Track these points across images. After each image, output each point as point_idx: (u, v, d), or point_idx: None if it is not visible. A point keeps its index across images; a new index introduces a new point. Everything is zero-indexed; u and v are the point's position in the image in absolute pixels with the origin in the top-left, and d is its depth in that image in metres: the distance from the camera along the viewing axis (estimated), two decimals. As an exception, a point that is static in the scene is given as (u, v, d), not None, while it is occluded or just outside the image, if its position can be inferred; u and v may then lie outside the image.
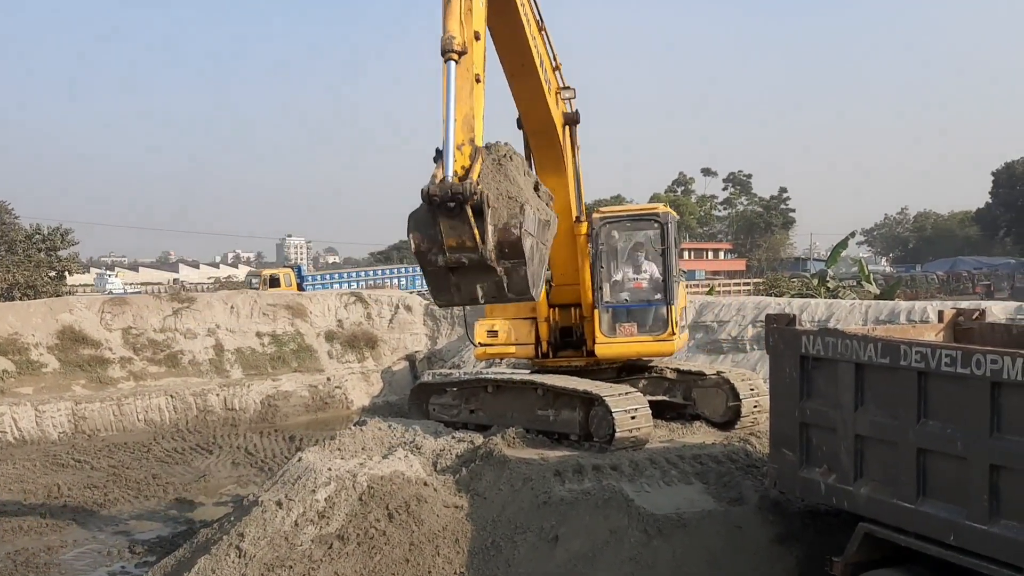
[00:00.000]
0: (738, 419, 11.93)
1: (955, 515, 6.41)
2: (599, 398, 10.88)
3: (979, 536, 6.22)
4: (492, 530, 9.33)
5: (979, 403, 6.22)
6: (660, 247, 12.03)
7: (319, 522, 9.47)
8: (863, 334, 7.35)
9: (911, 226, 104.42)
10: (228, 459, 19.35)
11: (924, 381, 6.67)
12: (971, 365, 6.28)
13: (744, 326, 21.09)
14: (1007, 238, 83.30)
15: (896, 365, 6.86)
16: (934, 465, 6.65)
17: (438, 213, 6.82)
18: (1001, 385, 6.10)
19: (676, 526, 8.78)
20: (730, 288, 45.67)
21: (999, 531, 6.10)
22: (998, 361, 6.12)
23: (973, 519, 6.26)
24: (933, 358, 6.58)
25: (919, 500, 6.71)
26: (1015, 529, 6.02)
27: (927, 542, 6.65)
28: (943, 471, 6.58)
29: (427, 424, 12.95)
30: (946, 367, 6.47)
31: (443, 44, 7.29)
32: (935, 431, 6.60)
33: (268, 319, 28.40)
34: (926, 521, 6.64)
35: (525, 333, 12.29)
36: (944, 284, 59.98)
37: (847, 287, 29.32)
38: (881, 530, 7.04)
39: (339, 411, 25.35)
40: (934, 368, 6.56)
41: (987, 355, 6.23)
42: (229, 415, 23.99)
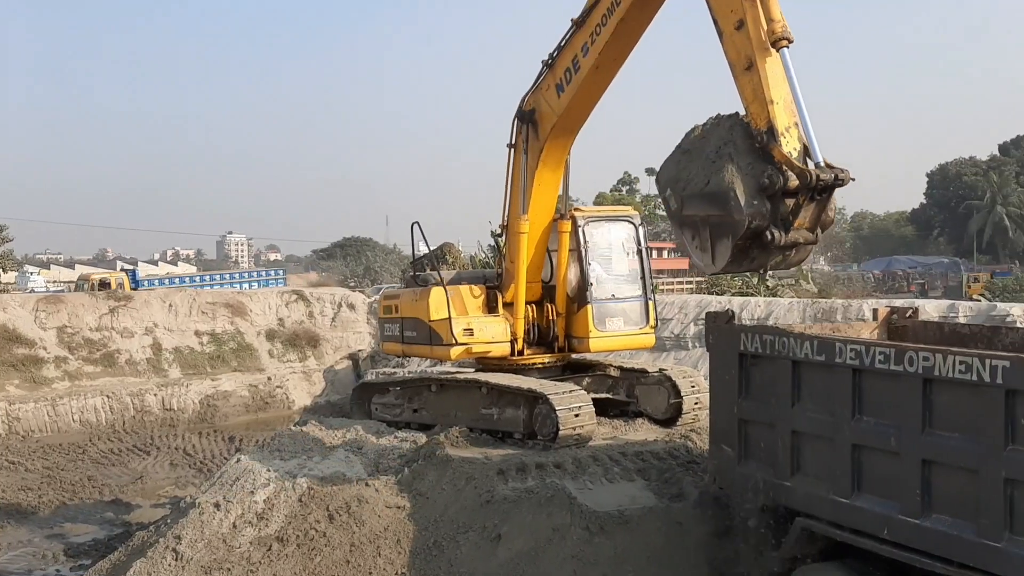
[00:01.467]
0: (679, 416, 12.04)
1: (889, 510, 6.53)
2: (543, 396, 10.89)
3: (912, 530, 6.35)
4: (434, 530, 9.28)
5: (911, 399, 6.35)
6: (636, 246, 12.59)
7: (258, 524, 9.34)
8: (800, 332, 7.46)
9: (848, 226, 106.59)
10: (166, 460, 19.04)
11: (859, 378, 6.79)
12: (904, 362, 6.41)
13: (686, 324, 21.32)
14: (941, 238, 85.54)
15: (832, 362, 6.98)
16: (868, 461, 6.78)
17: (810, 195, 7.30)
18: (932, 382, 6.24)
19: (618, 523, 8.83)
20: (673, 287, 46.12)
21: (931, 525, 6.23)
22: (930, 358, 6.25)
23: (906, 513, 6.39)
24: (867, 355, 6.70)
25: (854, 495, 6.82)
26: (946, 523, 6.15)
27: (862, 536, 6.77)
28: (877, 467, 6.71)
29: (369, 424, 12.85)
30: (880, 364, 6.59)
31: (779, 32, 7.51)
32: (869, 427, 6.73)
33: (207, 317, 27.92)
34: (861, 516, 6.76)
35: (501, 331, 12.25)
36: (880, 283, 61.35)
37: (786, 286, 29.80)
38: (817, 525, 7.16)
39: (280, 411, 25.04)
40: (868, 365, 6.68)
41: (919, 352, 6.37)
42: (167, 415, 23.56)
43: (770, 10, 7.59)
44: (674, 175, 8.01)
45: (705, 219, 7.66)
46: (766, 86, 7.48)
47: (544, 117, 11.29)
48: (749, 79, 7.62)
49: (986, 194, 76.72)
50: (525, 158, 11.59)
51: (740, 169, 7.41)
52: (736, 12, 7.73)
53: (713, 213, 7.56)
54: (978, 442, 5.93)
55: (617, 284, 12.53)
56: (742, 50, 7.70)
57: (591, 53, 10.24)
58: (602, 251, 12.51)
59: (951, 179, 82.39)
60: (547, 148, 11.42)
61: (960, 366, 6.03)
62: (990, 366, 5.85)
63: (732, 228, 7.42)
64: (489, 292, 12.56)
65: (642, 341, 12.81)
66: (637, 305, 12.57)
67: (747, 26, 7.61)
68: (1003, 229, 75.88)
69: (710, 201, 7.56)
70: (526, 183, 11.68)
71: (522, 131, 11.63)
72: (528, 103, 11.49)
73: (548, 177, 11.72)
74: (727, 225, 7.46)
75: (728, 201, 7.38)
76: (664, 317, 21.84)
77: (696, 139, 7.94)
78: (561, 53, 10.78)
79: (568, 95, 10.80)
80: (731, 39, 7.81)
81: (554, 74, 10.96)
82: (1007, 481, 5.74)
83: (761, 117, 7.51)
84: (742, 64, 7.71)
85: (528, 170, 11.62)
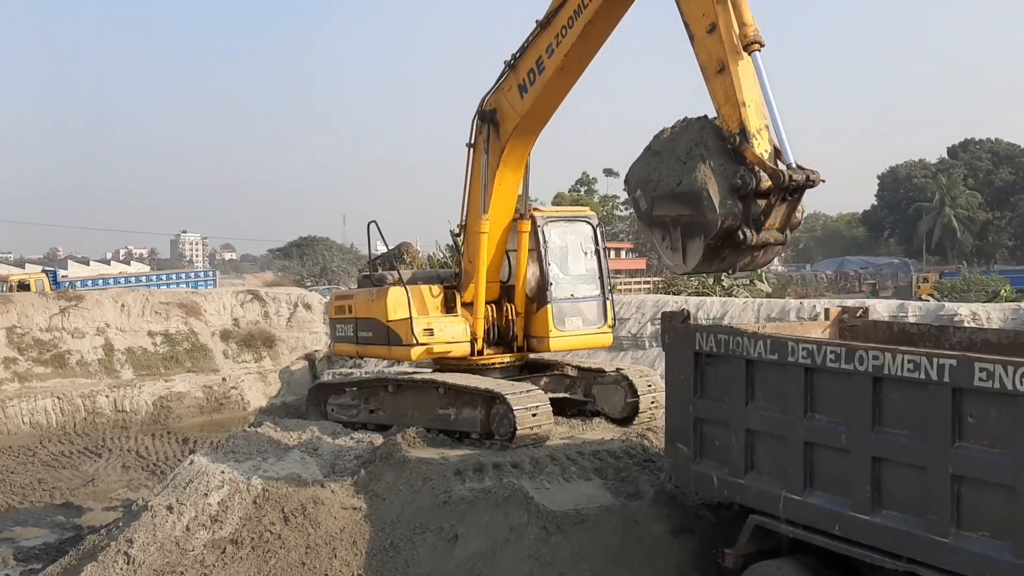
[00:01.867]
0: (636, 415, 12.12)
1: (840, 506, 6.64)
2: (500, 396, 10.90)
3: (862, 526, 6.46)
4: (391, 531, 9.24)
5: (862, 398, 6.46)
6: (594, 246, 12.77)
7: (212, 526, 9.23)
8: (753, 331, 7.55)
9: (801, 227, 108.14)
10: (118, 462, 18.72)
11: (811, 377, 6.89)
12: (854, 361, 6.52)
13: (643, 323, 21.45)
14: (891, 239, 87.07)
15: (784, 361, 7.07)
16: (820, 458, 6.88)
17: (781, 196, 7.43)
18: (882, 380, 6.35)
19: (575, 522, 8.86)
20: (630, 287, 46.40)
21: (880, 521, 6.35)
22: (879, 357, 6.37)
23: (857, 510, 6.50)
24: (819, 354, 6.80)
25: (806, 492, 6.93)
26: (895, 519, 6.27)
27: (814, 533, 6.87)
28: (829, 464, 6.81)
29: (325, 425, 12.76)
30: (831, 363, 6.70)
31: (751, 36, 7.57)
32: (821, 425, 6.83)
33: (161, 318, 27.48)
34: (813, 512, 6.87)
35: (461, 331, 12.21)
36: (832, 283, 62.31)
37: (741, 286, 30.11)
38: (771, 522, 7.25)
39: (235, 412, 24.71)
40: (820, 364, 6.79)
41: (869, 351, 6.48)
42: (119, 417, 23.13)
43: (742, 15, 7.67)
44: (644, 176, 8.05)
45: (676, 219, 7.73)
46: (738, 88, 7.56)
47: (506, 117, 11.27)
48: (721, 82, 7.69)
49: (935, 196, 78.23)
50: (486, 158, 11.57)
51: (712, 170, 7.49)
52: (708, 16, 7.80)
53: (685, 213, 7.62)
54: (926, 439, 6.05)
55: (575, 284, 12.63)
56: (714, 53, 7.76)
57: (556, 54, 10.25)
58: (560, 251, 12.59)
59: (901, 181, 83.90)
60: (509, 148, 11.42)
61: (908, 365, 6.15)
62: (937, 365, 5.97)
63: (704, 228, 7.49)
64: (447, 292, 12.54)
65: (600, 340, 12.96)
66: (595, 305, 12.70)
67: (719, 30, 7.68)
68: (951, 230, 77.44)
69: (682, 201, 7.61)
70: (487, 183, 11.66)
71: (482, 131, 11.60)
72: (489, 103, 11.47)
73: (509, 177, 11.73)
74: (699, 225, 7.53)
75: (701, 201, 7.44)
76: (621, 317, 21.96)
77: (665, 141, 7.99)
78: (524, 54, 10.77)
79: (532, 96, 10.80)
80: (703, 42, 7.87)
81: (517, 74, 10.95)
82: (954, 477, 5.87)
83: (733, 119, 7.59)
84: (714, 67, 7.77)
85: (489, 170, 11.60)
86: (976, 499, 5.79)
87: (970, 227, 78.22)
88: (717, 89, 7.73)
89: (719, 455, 7.81)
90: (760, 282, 30.26)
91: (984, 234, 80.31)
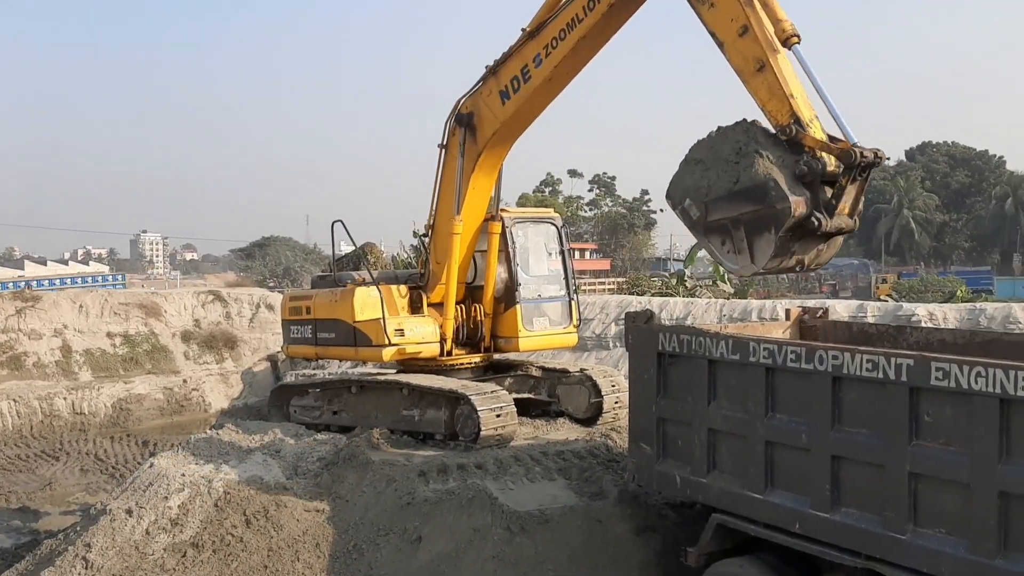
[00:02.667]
0: (600, 415, 12.17)
1: (800, 504, 6.72)
2: (465, 397, 10.88)
3: (822, 524, 6.54)
4: (354, 533, 9.19)
5: (821, 397, 6.54)
6: (559, 247, 12.90)
7: (172, 530, 9.12)
8: (715, 331, 7.61)
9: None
10: (76, 466, 18.43)
11: (772, 376, 6.96)
12: (814, 361, 6.60)
13: (607, 324, 21.53)
14: (851, 240, 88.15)
15: (746, 361, 7.14)
16: (781, 457, 6.96)
17: (852, 176, 7.19)
18: (841, 380, 6.44)
19: (539, 522, 8.87)
20: (595, 287, 46.57)
21: (840, 518, 6.43)
22: (839, 357, 6.45)
23: (816, 508, 6.58)
24: (780, 354, 6.88)
25: (767, 491, 7.00)
26: (854, 516, 6.36)
27: (775, 531, 6.95)
28: (789, 462, 6.89)
29: (288, 427, 12.63)
30: (791, 363, 6.78)
31: (789, 31, 7.48)
32: (782, 424, 6.91)
33: (120, 319, 27.09)
34: (774, 511, 6.94)
35: (431, 331, 12.16)
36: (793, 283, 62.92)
37: (704, 286, 30.36)
38: (732, 520, 7.31)
39: (196, 414, 24.42)
40: (780, 364, 6.86)
41: (829, 351, 6.57)
42: (77, 419, 22.75)
43: (775, 11, 7.62)
44: (691, 184, 7.74)
45: (738, 219, 7.42)
46: (783, 82, 7.43)
47: (485, 122, 11.19)
48: (763, 79, 7.55)
49: (893, 198, 79.40)
50: (461, 161, 11.48)
51: (772, 162, 7.24)
52: (737, 19, 7.71)
53: (748, 210, 7.32)
54: (884, 438, 6.14)
55: (541, 284, 12.71)
56: (750, 53, 7.64)
57: (545, 65, 10.17)
58: (527, 252, 12.63)
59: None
60: (486, 153, 11.37)
61: (867, 364, 6.24)
62: (895, 364, 6.06)
63: (775, 218, 7.17)
64: (413, 292, 12.50)
65: (565, 340, 13.02)
66: (561, 305, 12.81)
67: (752, 30, 7.60)
68: (909, 232, 78.66)
69: (744, 198, 7.32)
70: (460, 186, 11.59)
71: (457, 134, 11.51)
72: (466, 106, 11.37)
73: (483, 181, 11.71)
74: (768, 217, 7.22)
75: (767, 192, 7.16)
76: (586, 317, 22.01)
77: (706, 148, 7.72)
78: (508, 61, 10.66)
79: (514, 103, 10.72)
80: (735, 46, 7.75)
81: (498, 80, 10.83)
82: (911, 475, 5.96)
83: (783, 112, 7.40)
84: (751, 67, 7.63)
85: (463, 173, 11.52)
86: (933, 496, 5.89)
87: (927, 229, 79.51)
88: (759, 87, 7.58)
89: (682, 455, 7.86)
90: (723, 283, 30.53)
91: (941, 236, 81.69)
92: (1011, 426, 5.47)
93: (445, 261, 11.94)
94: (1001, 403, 5.48)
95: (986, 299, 26.62)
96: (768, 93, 7.53)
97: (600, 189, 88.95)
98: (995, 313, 15.91)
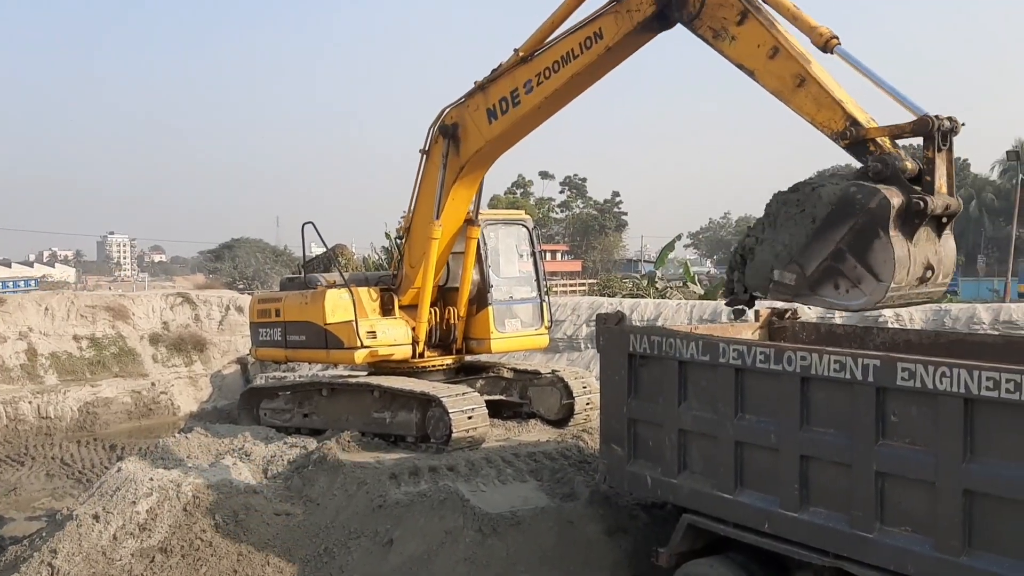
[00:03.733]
0: (572, 416, 12.22)
1: (769, 504, 6.78)
2: (436, 399, 10.88)
3: (790, 523, 6.60)
4: (325, 536, 9.14)
5: (790, 397, 6.60)
6: (530, 248, 13.00)
7: (140, 535, 9.02)
8: (686, 332, 7.66)
9: (733, 230, 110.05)
10: (42, 471, 18.17)
11: (741, 377, 7.01)
12: (783, 362, 6.66)
13: (579, 325, 21.59)
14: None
15: (716, 362, 7.19)
16: (750, 457, 7.01)
17: (936, 145, 6.71)
18: (810, 380, 6.50)
19: (510, 524, 8.87)
20: (567, 288, 46.68)
21: (808, 518, 6.50)
22: (807, 358, 6.51)
23: (785, 507, 6.64)
24: (749, 355, 6.93)
25: (737, 491, 7.05)
26: (822, 515, 6.43)
27: (744, 531, 7.00)
28: (758, 463, 6.95)
29: (258, 430, 12.58)
30: (760, 364, 6.83)
31: (827, 34, 7.31)
32: (751, 425, 6.96)
33: (87, 321, 26.75)
34: (743, 511, 6.99)
35: (403, 334, 12.11)
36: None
37: (674, 287, 30.54)
38: (703, 520, 7.36)
39: (164, 418, 24.17)
40: (750, 365, 6.91)
41: (797, 352, 6.63)
42: (43, 424, 22.43)
43: (807, 21, 7.48)
44: (769, 258, 7.12)
45: (839, 250, 6.67)
46: (829, 90, 7.22)
47: (470, 137, 11.04)
48: (806, 93, 7.31)
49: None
50: (443, 172, 11.38)
51: (838, 183, 6.75)
52: (765, 43, 7.55)
53: (843, 231, 6.62)
54: (851, 438, 6.21)
55: (513, 286, 12.79)
56: (786, 72, 7.43)
57: (536, 94, 10.02)
58: (498, 254, 12.65)
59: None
60: (468, 167, 11.29)
61: (835, 365, 6.31)
62: (862, 365, 6.14)
63: (876, 219, 6.47)
64: (384, 294, 12.47)
65: (537, 342, 13.13)
66: (532, 307, 12.90)
67: (783, 49, 7.45)
68: (877, 233, 79.63)
69: (833, 224, 6.67)
70: (441, 194, 11.47)
71: (440, 143, 11.41)
72: (451, 116, 11.22)
73: (463, 193, 11.65)
74: (868, 223, 6.51)
75: (854, 199, 6.57)
76: (557, 319, 22.07)
77: (762, 227, 7.22)
78: (498, 80, 10.48)
79: (502, 124, 10.58)
80: (767, 70, 7.54)
81: (487, 98, 10.66)
82: (878, 474, 6.03)
83: (835, 119, 7.12)
84: (791, 84, 7.38)
85: (444, 184, 11.42)
86: (899, 495, 5.97)
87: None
88: (804, 102, 7.32)
89: (653, 455, 7.90)
90: (693, 284, 30.74)
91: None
92: (975, 426, 5.56)
93: (420, 264, 11.91)
94: (965, 403, 5.56)
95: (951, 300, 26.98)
96: (815, 105, 7.25)
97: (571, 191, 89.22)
98: (960, 314, 16.15)
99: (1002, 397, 5.39)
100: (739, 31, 7.74)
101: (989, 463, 5.50)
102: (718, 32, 7.93)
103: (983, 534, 5.54)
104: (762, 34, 7.60)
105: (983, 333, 13.52)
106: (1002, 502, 5.45)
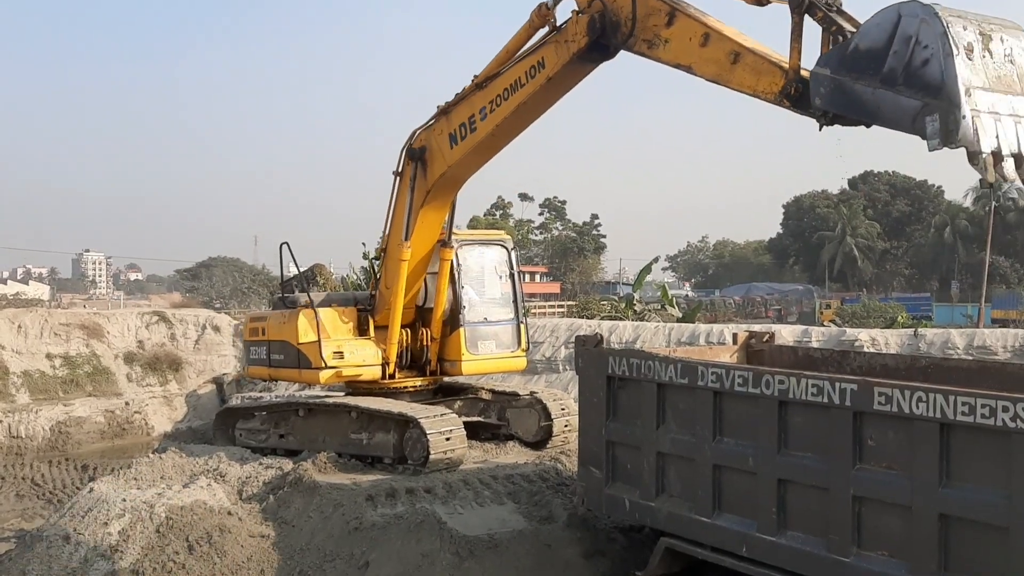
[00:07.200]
0: (550, 439, 12.18)
1: (747, 527, 6.78)
2: (414, 420, 10.82)
3: (768, 547, 6.61)
4: (300, 559, 9.04)
5: (768, 421, 6.62)
6: (509, 270, 12.83)
7: (112, 556, 8.88)
8: (664, 355, 7.68)
9: (711, 253, 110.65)
10: (12, 491, 17.86)
11: (719, 400, 7.04)
12: (761, 385, 6.69)
13: (557, 347, 21.61)
14: (796, 266, 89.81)
15: (694, 385, 7.21)
16: (728, 480, 7.02)
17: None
18: (787, 404, 6.53)
19: (487, 547, 8.82)
20: (545, 310, 46.67)
21: (785, 542, 6.50)
22: (785, 381, 6.55)
23: (763, 531, 6.64)
24: (727, 378, 6.95)
25: (715, 514, 7.05)
26: (799, 539, 6.44)
27: (722, 554, 7.00)
28: (736, 486, 6.96)
29: (233, 451, 12.46)
30: (739, 387, 6.85)
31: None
32: (729, 448, 6.97)
33: (60, 339, 26.44)
34: (721, 534, 6.99)
35: (372, 354, 12.04)
36: (740, 308, 63.76)
37: (653, 310, 30.63)
38: (681, 544, 7.35)
39: (139, 437, 23.89)
40: (728, 388, 6.93)
41: (775, 376, 6.66)
42: (14, 443, 22.10)
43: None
44: None
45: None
46: (765, 54, 7.17)
47: (435, 161, 11.13)
48: (743, 65, 7.26)
49: (837, 225, 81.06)
50: (411, 195, 11.44)
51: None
52: (695, 33, 7.61)
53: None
54: (828, 461, 6.24)
55: (489, 307, 12.67)
56: (720, 53, 7.43)
57: (488, 121, 10.18)
58: (475, 275, 12.62)
59: (805, 211, 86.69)
60: (434, 191, 11.34)
61: (812, 389, 6.34)
62: (839, 389, 6.18)
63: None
64: (360, 315, 12.42)
65: (514, 364, 12.99)
66: (509, 328, 12.76)
67: (713, 33, 7.49)
68: (852, 259, 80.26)
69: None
70: (410, 216, 11.54)
71: (409, 166, 11.46)
72: (419, 139, 11.31)
73: (432, 216, 11.68)
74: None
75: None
76: (535, 340, 22.07)
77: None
78: (458, 106, 10.61)
79: (462, 149, 10.69)
80: (702, 58, 7.57)
81: (449, 122, 10.80)
82: (855, 498, 6.06)
83: (776, 78, 7.04)
84: (727, 63, 7.35)
85: (412, 207, 11.47)
86: (875, 519, 5.99)
87: (869, 256, 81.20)
88: (744, 75, 7.25)
89: (631, 478, 7.89)
90: (671, 307, 30.85)
91: (883, 263, 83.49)
92: (951, 450, 5.60)
93: (394, 286, 11.90)
94: (941, 427, 5.60)
95: (925, 325, 27.26)
96: (755, 75, 7.20)
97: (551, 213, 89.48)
98: (934, 339, 16.30)
99: (977, 422, 5.43)
100: (670, 33, 7.91)
101: (965, 488, 5.54)
102: (651, 42, 8.10)
103: (959, 559, 5.57)
104: (691, 25, 7.75)
105: (957, 358, 13.64)
106: (977, 526, 5.49)
